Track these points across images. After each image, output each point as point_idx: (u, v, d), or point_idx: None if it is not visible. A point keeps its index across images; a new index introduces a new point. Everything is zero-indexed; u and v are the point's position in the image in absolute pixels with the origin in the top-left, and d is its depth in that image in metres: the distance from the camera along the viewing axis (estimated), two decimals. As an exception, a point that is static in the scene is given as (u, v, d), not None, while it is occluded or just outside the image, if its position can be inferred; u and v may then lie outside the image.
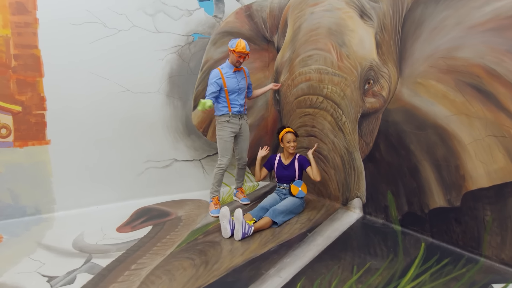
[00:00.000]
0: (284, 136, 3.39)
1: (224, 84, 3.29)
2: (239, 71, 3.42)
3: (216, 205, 3.43)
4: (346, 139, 3.45)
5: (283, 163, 3.47)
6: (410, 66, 2.79)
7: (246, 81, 3.49)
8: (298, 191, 3.36)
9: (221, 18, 4.09)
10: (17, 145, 3.15)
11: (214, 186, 3.46)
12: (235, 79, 3.35)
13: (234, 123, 3.40)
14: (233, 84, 3.34)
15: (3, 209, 3.17)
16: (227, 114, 3.36)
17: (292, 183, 3.39)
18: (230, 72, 3.34)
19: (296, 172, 3.41)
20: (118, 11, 3.47)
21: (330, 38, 3.50)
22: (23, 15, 3.05)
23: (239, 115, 3.43)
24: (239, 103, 3.40)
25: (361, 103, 3.25)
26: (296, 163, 3.43)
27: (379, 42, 3.03)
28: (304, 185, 3.41)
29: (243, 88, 3.43)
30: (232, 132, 3.41)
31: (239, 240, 2.76)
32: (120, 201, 3.65)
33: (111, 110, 3.55)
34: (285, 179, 3.44)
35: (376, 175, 3.19)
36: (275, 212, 3.09)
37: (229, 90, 3.32)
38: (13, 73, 3.07)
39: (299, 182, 3.40)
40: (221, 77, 3.29)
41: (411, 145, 2.83)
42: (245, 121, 3.55)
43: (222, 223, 2.82)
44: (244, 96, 3.47)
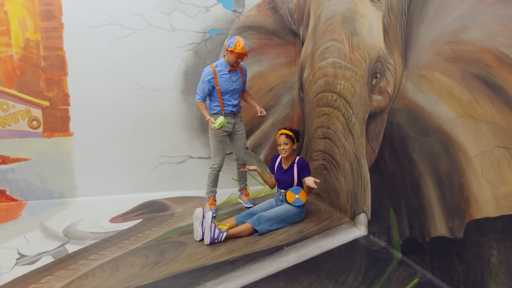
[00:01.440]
0: (278, 138, 3.09)
1: (216, 84, 3.14)
2: (235, 70, 3.21)
3: (212, 206, 3.33)
4: (355, 143, 2.96)
5: (282, 167, 3.17)
6: (415, 55, 2.23)
7: (242, 79, 3.28)
8: (294, 199, 3.03)
9: (241, 12, 3.94)
10: (45, 136, 3.59)
11: (208, 187, 3.37)
12: (229, 79, 3.17)
13: (227, 122, 3.24)
14: (227, 85, 3.16)
15: (34, 191, 3.65)
16: (220, 113, 3.22)
17: (289, 190, 3.07)
18: (225, 71, 3.15)
19: (294, 178, 3.07)
20: (135, 12, 3.65)
21: (344, 27, 3.04)
22: (51, 21, 3.44)
23: (232, 114, 3.26)
24: (232, 103, 3.23)
25: (369, 101, 2.74)
26: (295, 167, 3.08)
27: (386, 27, 2.50)
28: (303, 192, 3.05)
29: (238, 88, 3.24)
30: (225, 131, 3.26)
31: (208, 245, 2.61)
32: (134, 193, 3.85)
33: (128, 106, 3.76)
34: (283, 185, 3.13)
35: (380, 187, 2.66)
36: (260, 219, 2.84)
37: (221, 90, 3.16)
38: (42, 72, 3.50)
39: (297, 189, 3.05)
40: (214, 76, 3.14)
41: (414, 154, 2.26)
42: (239, 119, 3.37)
43: (194, 225, 2.72)
44: (238, 95, 3.28)
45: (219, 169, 3.32)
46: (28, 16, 3.39)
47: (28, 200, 3.64)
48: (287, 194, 3.06)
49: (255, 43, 4.03)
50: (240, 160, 3.48)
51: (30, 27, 3.41)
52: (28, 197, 3.65)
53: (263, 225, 2.82)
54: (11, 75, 3.43)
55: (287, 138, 3.05)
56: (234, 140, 3.39)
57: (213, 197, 3.37)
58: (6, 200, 3.59)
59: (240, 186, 3.64)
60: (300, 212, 3.06)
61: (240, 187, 3.64)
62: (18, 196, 3.62)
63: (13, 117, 3.49)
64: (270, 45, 4.08)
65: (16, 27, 3.37)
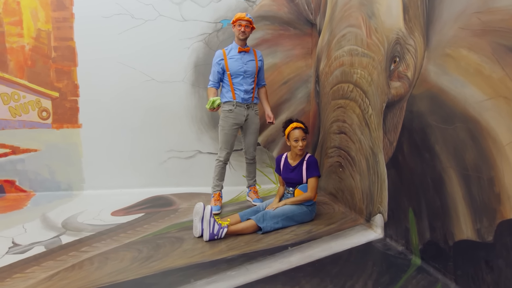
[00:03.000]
0: (291, 133, 2.81)
1: (226, 66, 2.99)
2: (247, 52, 3.04)
3: (217, 202, 3.15)
4: (372, 136, 2.69)
5: (289, 164, 2.92)
6: (438, 32, 1.95)
7: (257, 65, 3.07)
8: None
9: (255, 2, 3.78)
10: (54, 127, 3.56)
11: (214, 180, 3.18)
12: (239, 60, 3.00)
13: (239, 114, 3.05)
14: (237, 66, 2.99)
15: (42, 182, 3.62)
16: (231, 102, 3.04)
17: (297, 187, 2.83)
18: (235, 53, 3.01)
19: (303, 176, 2.84)
20: (145, 2, 3.57)
21: (361, 10, 2.80)
22: (62, 11, 3.42)
23: (245, 104, 3.06)
24: (244, 88, 3.02)
25: (387, 89, 2.47)
26: (305, 165, 2.84)
27: (406, 4, 2.23)
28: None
29: (250, 71, 3.03)
30: (235, 123, 3.06)
31: (207, 241, 2.43)
32: (141, 187, 3.75)
33: (137, 98, 3.68)
34: (291, 183, 2.90)
35: (398, 185, 2.37)
36: (265, 216, 2.63)
37: (231, 73, 2.99)
38: (53, 63, 3.48)
39: (306, 187, 2.82)
40: (224, 58, 2.99)
41: (436, 146, 1.98)
42: (254, 112, 3.15)
43: (194, 220, 2.54)
44: (252, 81, 3.06)
45: (226, 162, 3.13)
46: (40, 7, 3.39)
47: (36, 192, 3.63)
48: (296, 191, 2.83)
49: (269, 33, 3.85)
50: (249, 155, 3.28)
51: (42, 17, 3.40)
52: (37, 188, 3.63)
53: (267, 223, 2.61)
54: (23, 65, 3.43)
55: (304, 133, 2.81)
56: (245, 134, 3.20)
57: (218, 193, 3.18)
58: (15, 190, 3.59)
59: (249, 183, 3.43)
60: (310, 211, 2.82)
61: (248, 183, 3.44)
62: (27, 187, 3.61)
63: (23, 107, 3.49)
64: (285, 36, 3.88)
65: (28, 17, 3.38)
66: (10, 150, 3.52)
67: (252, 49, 3.13)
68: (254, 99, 3.13)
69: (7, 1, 3.33)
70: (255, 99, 3.15)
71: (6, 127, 3.49)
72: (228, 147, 3.10)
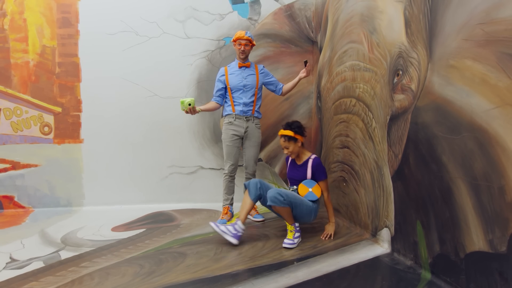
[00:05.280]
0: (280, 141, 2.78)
1: (226, 81, 3.07)
2: (247, 67, 3.11)
3: (224, 216, 3.12)
4: (376, 149, 2.68)
5: (296, 163, 2.85)
6: (442, 44, 1.98)
7: (257, 79, 3.12)
8: (307, 192, 2.71)
9: (257, 20, 3.86)
10: (56, 142, 3.55)
11: (223, 194, 3.17)
12: (239, 75, 3.07)
13: (238, 125, 3.07)
14: (237, 80, 3.06)
15: (41, 198, 3.57)
16: (230, 114, 3.08)
17: (301, 182, 2.74)
18: (235, 68, 3.10)
19: (307, 175, 2.76)
20: (150, 20, 3.64)
21: (362, 26, 2.86)
22: (67, 28, 3.48)
23: (245, 116, 3.08)
24: (243, 101, 3.06)
25: (390, 102, 2.48)
26: (309, 167, 2.76)
27: (408, 19, 2.28)
28: (317, 186, 2.73)
29: (250, 85, 3.08)
30: (235, 135, 3.07)
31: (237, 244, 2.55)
32: (142, 203, 3.69)
33: (140, 114, 3.68)
34: (295, 180, 2.81)
35: (405, 198, 2.34)
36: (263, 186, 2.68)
37: (231, 87, 3.06)
38: (57, 79, 3.50)
39: (311, 182, 2.73)
40: (225, 74, 3.08)
41: (443, 156, 1.97)
42: (255, 125, 3.14)
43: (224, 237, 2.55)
44: (252, 95, 3.09)
45: (231, 175, 3.10)
46: (46, 24, 3.44)
47: (35, 208, 3.56)
48: (300, 187, 2.74)
49: (271, 51, 3.91)
50: (249, 169, 3.21)
51: (47, 34, 3.45)
52: (36, 204, 3.57)
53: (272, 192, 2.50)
54: (26, 80, 3.45)
55: (286, 141, 2.72)
56: (245, 147, 3.18)
57: (227, 207, 3.14)
58: (14, 206, 3.52)
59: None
60: (314, 210, 2.69)
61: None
62: (25, 203, 3.55)
63: (25, 122, 3.48)
64: (286, 53, 3.94)
65: (33, 34, 3.43)
66: (10, 165, 3.49)
67: (254, 64, 3.18)
68: (254, 112, 3.13)
69: (14, 18, 3.39)
70: (255, 112, 3.15)
71: (7, 142, 3.46)
72: (231, 159, 3.07)
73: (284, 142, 2.73)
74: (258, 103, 3.17)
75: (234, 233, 2.54)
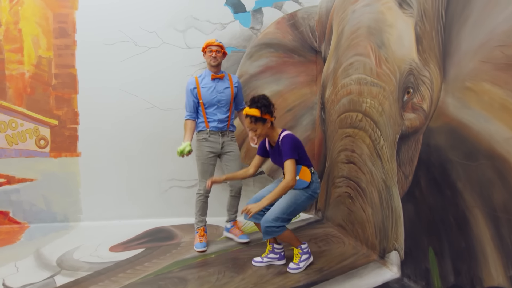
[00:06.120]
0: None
1: (199, 95, 2.84)
2: (221, 80, 2.87)
3: (202, 238, 2.89)
4: (384, 168, 2.58)
5: (271, 145, 2.51)
6: (457, 65, 1.88)
7: (232, 92, 2.92)
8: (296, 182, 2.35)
9: (259, 29, 3.76)
10: (52, 156, 3.44)
11: (197, 216, 2.95)
12: (212, 89, 2.84)
13: (213, 142, 2.87)
14: (210, 96, 2.83)
15: (37, 213, 3.46)
16: (204, 130, 2.88)
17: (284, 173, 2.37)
18: (208, 80, 2.84)
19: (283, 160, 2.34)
20: (149, 29, 3.53)
21: (370, 39, 2.76)
22: (64, 38, 3.37)
23: (220, 132, 2.90)
24: (218, 118, 2.86)
25: (400, 120, 2.38)
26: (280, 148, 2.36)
27: (419, 35, 2.18)
28: (304, 170, 2.37)
29: (225, 100, 2.87)
30: (211, 152, 2.88)
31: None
32: (141, 218, 3.59)
33: (138, 126, 3.58)
34: (278, 166, 2.57)
35: (416, 222, 2.24)
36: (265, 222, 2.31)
37: (204, 102, 2.83)
38: (53, 90, 3.40)
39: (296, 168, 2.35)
40: (197, 85, 2.84)
41: (458, 183, 1.87)
42: (230, 138, 2.96)
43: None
44: (227, 110, 2.90)
45: (207, 194, 2.91)
46: (42, 34, 3.34)
47: (30, 223, 3.46)
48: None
49: (274, 61, 3.81)
50: (234, 187, 3.00)
51: (43, 44, 3.35)
52: (31, 220, 3.46)
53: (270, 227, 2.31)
54: (22, 92, 3.35)
55: (252, 123, 2.31)
56: (224, 163, 2.96)
57: (202, 228, 2.94)
58: (9, 222, 3.42)
59: (230, 217, 3.11)
60: (309, 195, 2.41)
61: (229, 217, 3.12)
62: (21, 219, 3.44)
63: (21, 135, 3.37)
64: (289, 63, 3.84)
65: (29, 44, 3.32)
66: (5, 180, 3.38)
67: (227, 75, 2.95)
68: (230, 127, 2.96)
69: (8, 29, 3.28)
70: (231, 126, 2.97)
71: (2, 156, 3.36)
72: (207, 178, 2.84)
73: (251, 124, 2.31)
74: (232, 116, 2.99)
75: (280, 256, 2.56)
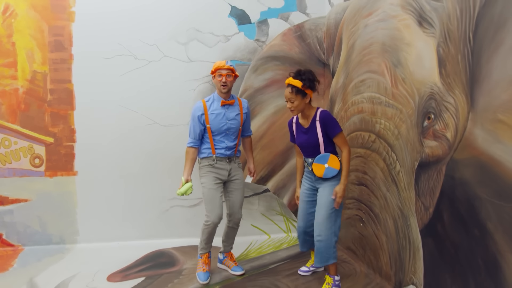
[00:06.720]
0: (285, 92, 2.37)
1: (207, 121, 2.57)
2: (231, 105, 2.62)
3: (205, 266, 2.70)
4: (400, 196, 2.42)
5: (302, 126, 2.45)
6: (487, 94, 1.72)
7: (241, 118, 2.67)
8: (324, 170, 2.35)
9: (264, 41, 3.59)
10: (47, 175, 3.27)
11: (202, 243, 2.70)
12: (222, 117, 2.58)
13: (221, 168, 2.62)
14: (220, 123, 2.57)
15: (32, 235, 3.30)
16: (211, 157, 2.62)
17: (314, 162, 2.38)
18: (217, 106, 2.59)
19: (319, 137, 2.34)
20: (149, 42, 3.36)
21: (384, 57, 2.59)
22: (60, 52, 3.21)
23: (227, 158, 2.65)
24: (226, 145, 2.61)
25: (419, 147, 2.22)
26: (318, 125, 2.33)
27: (442, 57, 2.02)
28: (332, 157, 2.35)
29: (234, 128, 2.63)
30: (218, 179, 2.62)
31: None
32: (141, 239, 3.43)
33: (138, 143, 3.41)
34: (308, 150, 2.44)
35: (437, 258, 2.08)
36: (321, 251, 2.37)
37: (213, 130, 2.58)
38: (48, 107, 3.23)
39: (324, 157, 2.34)
40: (205, 111, 2.57)
41: (488, 223, 1.71)
42: (237, 164, 2.72)
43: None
44: (235, 137, 2.67)
45: (215, 225, 2.60)
46: (37, 47, 3.17)
47: (25, 246, 3.29)
48: (313, 167, 2.39)
49: (280, 74, 3.65)
50: (233, 217, 2.72)
51: (38, 58, 3.18)
52: (26, 242, 3.30)
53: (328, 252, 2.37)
54: (15, 109, 3.18)
55: (292, 93, 2.29)
56: (228, 191, 2.71)
57: (207, 254, 2.73)
58: (2, 244, 3.25)
59: (225, 249, 2.87)
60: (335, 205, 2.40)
61: (224, 249, 2.88)
62: (14, 241, 3.28)
63: (14, 154, 3.21)
64: (296, 77, 3.67)
65: (23, 58, 3.15)
66: (-2, 201, 3.21)
67: (237, 100, 2.69)
68: (236, 152, 2.72)
69: (1, 42, 3.12)
70: (237, 151, 2.74)
71: (-5, 176, 3.19)
72: (217, 206, 2.56)
73: (290, 94, 2.30)
74: (239, 143, 2.76)
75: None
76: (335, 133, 2.34)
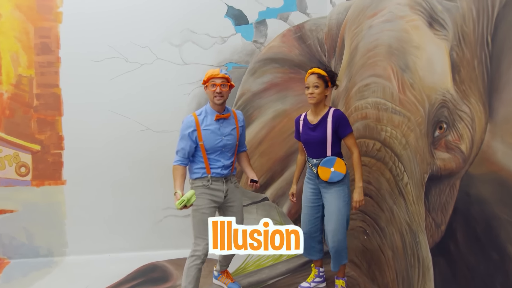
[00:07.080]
0: (307, 80, 2.33)
1: (199, 138, 2.24)
2: (226, 119, 2.31)
3: None
4: (409, 210, 2.26)
5: (309, 123, 2.38)
6: (507, 104, 1.56)
7: (238, 133, 2.37)
8: (330, 174, 2.26)
9: (263, 43, 3.43)
10: (34, 184, 3.11)
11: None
12: (217, 132, 2.26)
13: (216, 189, 2.28)
14: (214, 140, 2.25)
15: (18, 248, 3.14)
16: (205, 177, 2.28)
17: (319, 165, 2.29)
18: (211, 121, 2.26)
19: (327, 134, 2.27)
20: (141, 44, 3.20)
21: (391, 60, 2.43)
22: (47, 55, 3.05)
23: (223, 178, 2.32)
24: (222, 164, 2.28)
25: (429, 158, 2.06)
26: (330, 122, 2.28)
27: (456, 62, 1.86)
28: (339, 161, 2.28)
29: (231, 144, 2.31)
30: (213, 201, 2.28)
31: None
32: (133, 251, 3.26)
33: (130, 150, 3.25)
34: (312, 148, 2.36)
35: (450, 279, 1.92)
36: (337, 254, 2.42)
37: (207, 148, 2.24)
38: (35, 112, 3.07)
39: (330, 160, 2.27)
40: (197, 127, 2.24)
41: (509, 246, 1.55)
42: (234, 184, 2.39)
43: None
44: (231, 154, 2.34)
45: (204, 259, 2.21)
46: (22, 50, 3.00)
47: (11, 259, 3.13)
48: (319, 171, 2.29)
49: (279, 77, 3.48)
50: None
51: (24, 62, 3.01)
52: (11, 255, 3.14)
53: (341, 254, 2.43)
54: (0, 115, 3.01)
55: (319, 79, 2.28)
56: (226, 215, 2.37)
57: None
58: (-14, 258, 3.09)
59: (221, 268, 2.66)
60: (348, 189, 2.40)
61: (220, 268, 2.66)
62: (0, 254, 3.11)
63: (-1, 163, 3.04)
64: (296, 80, 3.51)
65: (7, 62, 2.99)
66: (-18, 212, 3.05)
67: (232, 112, 2.38)
68: (233, 171, 2.41)
69: (-15, 44, 2.95)
70: (234, 170, 2.43)
71: (-22, 185, 3.03)
72: (207, 234, 1.97)
73: (318, 79, 2.27)
74: (236, 160, 2.45)
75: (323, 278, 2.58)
76: (346, 133, 2.32)
